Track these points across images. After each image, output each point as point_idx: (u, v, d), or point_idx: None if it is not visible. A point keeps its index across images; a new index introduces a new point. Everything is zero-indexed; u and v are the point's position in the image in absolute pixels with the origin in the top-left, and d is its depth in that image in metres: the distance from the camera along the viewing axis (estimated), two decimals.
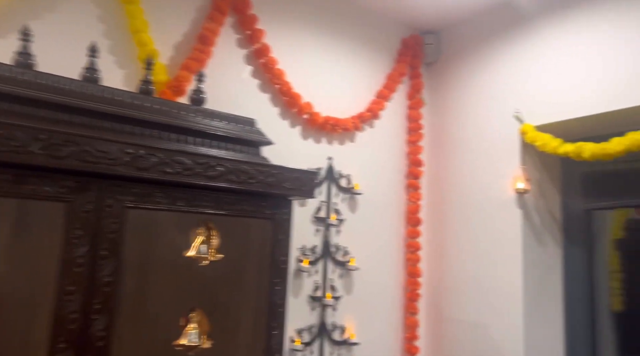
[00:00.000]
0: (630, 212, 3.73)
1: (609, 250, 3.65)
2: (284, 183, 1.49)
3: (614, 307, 3.01)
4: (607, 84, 2.03)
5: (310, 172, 1.58)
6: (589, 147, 2.03)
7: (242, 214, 1.44)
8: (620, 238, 3.59)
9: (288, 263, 1.54)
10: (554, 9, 2.25)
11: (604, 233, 2.84)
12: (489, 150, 2.47)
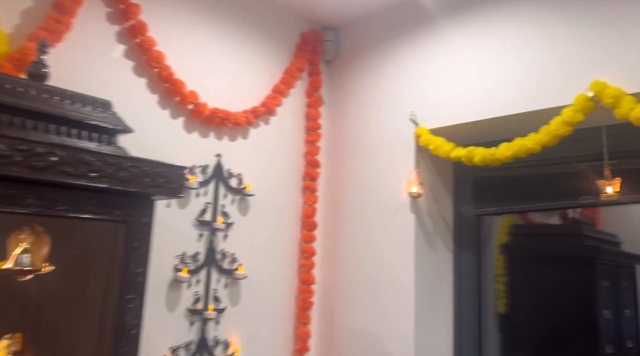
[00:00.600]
0: (515, 218, 3.93)
1: (495, 254, 3.81)
2: (143, 179, 1.24)
3: (499, 309, 3.12)
4: (498, 90, 2.03)
5: (177, 166, 1.34)
6: (479, 152, 2.02)
7: (84, 215, 1.17)
8: (505, 243, 3.76)
9: (146, 275, 1.29)
10: (456, 11, 2.23)
11: (491, 237, 2.92)
12: (386, 152, 2.40)
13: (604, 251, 3.59)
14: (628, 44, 1.69)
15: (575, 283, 3.47)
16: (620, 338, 3.34)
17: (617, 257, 3.81)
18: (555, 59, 1.88)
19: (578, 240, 3.57)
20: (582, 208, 3.80)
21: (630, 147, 1.86)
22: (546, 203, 2.24)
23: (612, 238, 3.91)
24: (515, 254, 3.69)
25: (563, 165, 2.11)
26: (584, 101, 1.73)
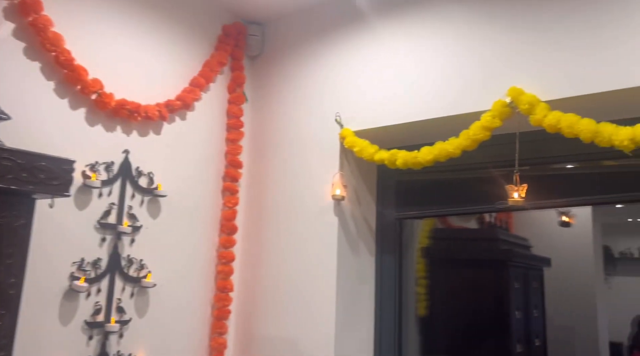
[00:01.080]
0: (436, 221, 4.02)
1: (417, 258, 3.86)
2: (19, 174, 1.05)
3: (420, 312, 3.16)
4: (421, 94, 2.02)
5: (62, 160, 1.17)
6: (401, 155, 1.99)
7: None
8: (426, 246, 3.83)
9: (21, 287, 1.10)
10: (384, 13, 2.19)
11: (413, 241, 2.95)
12: (310, 154, 2.32)
13: (517, 254, 3.77)
14: (544, 52, 1.74)
15: (490, 285, 3.61)
16: (528, 337, 3.51)
17: (528, 260, 4.02)
18: (477, 65, 1.90)
19: (493, 244, 3.72)
20: (497, 213, 3.98)
21: (541, 153, 1.92)
22: (462, 207, 2.27)
23: (524, 242, 4.13)
24: (435, 257, 3.77)
25: (481, 170, 2.14)
26: (501, 107, 1.76)
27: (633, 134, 1.48)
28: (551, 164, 2.03)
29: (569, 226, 3.79)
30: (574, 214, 3.77)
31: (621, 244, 5.75)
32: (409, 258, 2.67)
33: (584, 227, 4.18)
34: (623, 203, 2.14)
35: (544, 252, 4.17)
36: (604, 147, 1.56)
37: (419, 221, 3.96)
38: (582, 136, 1.57)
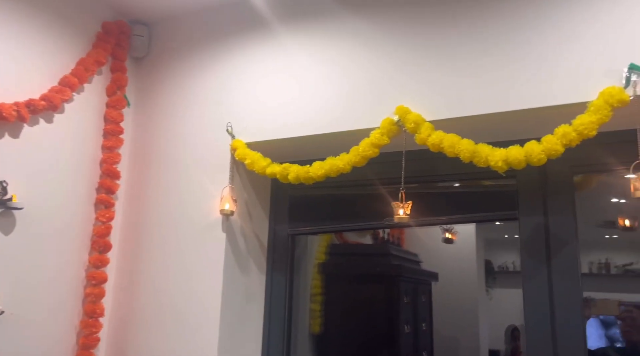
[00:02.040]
0: (332, 237, 4.03)
1: (313, 274, 3.82)
2: None
3: (314, 329, 3.10)
4: (314, 108, 1.98)
5: None
6: (293, 169, 1.93)
7: None
8: (322, 262, 3.81)
9: None
10: (280, 24, 2.12)
11: (307, 257, 2.89)
12: (199, 165, 2.17)
13: (407, 269, 3.89)
14: (431, 73, 1.79)
15: (382, 300, 3.68)
16: (417, 351, 3.62)
17: (417, 274, 4.18)
18: (369, 81, 1.90)
19: (385, 259, 3.82)
20: (390, 229, 4.09)
21: (426, 172, 1.97)
22: (352, 224, 2.26)
23: (414, 257, 4.30)
24: (331, 273, 3.76)
25: (372, 187, 2.15)
26: (389, 125, 1.77)
27: (506, 155, 1.56)
28: (437, 182, 2.10)
29: (451, 243, 4.01)
30: (456, 231, 3.99)
31: (500, 259, 6.23)
32: (302, 275, 2.61)
33: (468, 243, 4.48)
34: (499, 220, 2.30)
35: (434, 267, 4.37)
36: (481, 167, 1.62)
37: (316, 237, 3.93)
38: (461, 155, 1.62)
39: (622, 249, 5.29)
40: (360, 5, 1.96)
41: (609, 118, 1.44)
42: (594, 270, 5.62)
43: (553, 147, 1.49)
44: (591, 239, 4.93)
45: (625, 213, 2.14)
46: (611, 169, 1.74)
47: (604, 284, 5.27)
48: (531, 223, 1.82)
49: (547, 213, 1.80)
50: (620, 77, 1.47)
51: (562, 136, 1.49)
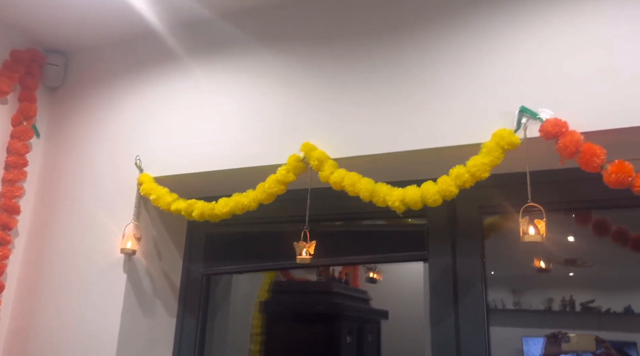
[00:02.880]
0: (277, 274, 3.91)
1: (253, 313, 3.67)
2: None
3: None
4: (223, 142, 1.92)
5: None
6: (199, 205, 1.85)
7: None
8: (265, 300, 3.67)
9: None
10: (194, 57, 2.09)
11: (230, 297, 2.77)
12: (105, 200, 2.06)
13: (350, 307, 3.79)
14: (338, 109, 1.76)
15: (323, 340, 3.56)
16: None
17: (364, 313, 4.08)
18: (280, 116, 1.86)
19: (327, 297, 3.71)
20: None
21: (336, 210, 1.92)
22: (267, 263, 2.17)
23: (362, 295, 4.20)
24: (274, 311, 3.63)
25: (292, 224, 2.08)
26: (295, 161, 1.73)
27: (403, 195, 1.52)
28: (347, 220, 2.05)
29: (375, 283, 3.95)
30: (381, 270, 3.94)
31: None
32: (222, 318, 2.47)
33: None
34: (409, 261, 2.26)
35: (385, 304, 4.27)
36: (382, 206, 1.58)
37: (259, 274, 3.81)
38: (361, 194, 1.58)
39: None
40: (273, 39, 1.94)
41: (501, 160, 1.43)
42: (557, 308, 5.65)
43: (448, 188, 1.47)
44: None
45: (541, 255, 2.13)
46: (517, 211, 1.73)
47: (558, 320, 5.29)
48: (440, 264, 1.78)
49: (456, 254, 1.76)
50: (513, 120, 1.47)
51: (455, 177, 1.46)
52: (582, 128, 1.36)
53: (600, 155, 1.30)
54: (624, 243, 1.90)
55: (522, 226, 1.37)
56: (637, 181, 1.25)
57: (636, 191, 1.26)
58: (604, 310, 5.75)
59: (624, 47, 1.40)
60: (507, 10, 1.57)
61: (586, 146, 1.32)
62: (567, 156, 1.35)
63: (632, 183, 1.26)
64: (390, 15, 1.75)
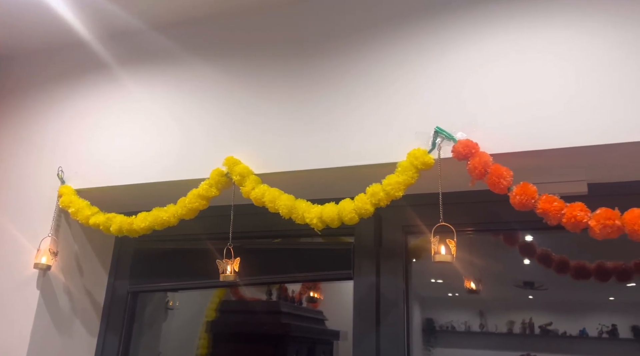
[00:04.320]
0: (227, 292, 3.82)
1: (200, 333, 3.56)
2: None
3: None
4: (147, 154, 1.87)
5: None
6: (117, 220, 1.79)
7: None
8: (212, 320, 3.56)
9: None
10: (131, 65, 2.04)
11: (162, 316, 2.67)
12: (24, 214, 1.97)
13: (298, 328, 3.72)
14: (265, 124, 1.74)
15: None
16: None
17: (315, 334, 4.01)
18: (206, 129, 1.83)
19: (275, 317, 3.64)
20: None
21: (265, 227, 1.89)
22: (194, 281, 2.11)
23: (315, 315, 4.13)
24: (222, 331, 3.52)
25: (220, 241, 2.03)
26: (218, 176, 1.69)
27: (321, 213, 1.50)
28: (276, 237, 2.02)
29: (315, 302, 3.91)
30: (320, 288, 3.91)
31: (443, 318, 6.15)
32: (152, 337, 2.38)
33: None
34: (335, 280, 2.24)
35: (337, 325, 4.20)
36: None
37: (208, 292, 3.71)
38: (281, 211, 1.56)
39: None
40: (199, 52, 1.92)
41: (415, 180, 1.43)
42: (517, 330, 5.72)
43: (363, 207, 1.46)
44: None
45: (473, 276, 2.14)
46: (439, 231, 1.73)
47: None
48: (364, 283, 1.76)
49: (380, 273, 1.75)
50: (428, 140, 1.47)
51: (371, 195, 1.46)
52: (492, 150, 1.38)
53: (507, 177, 1.31)
54: (547, 265, 1.92)
55: (433, 245, 1.37)
56: (539, 204, 1.26)
57: (539, 213, 1.27)
58: (561, 333, 5.85)
59: (536, 72, 1.43)
60: (424, 32, 1.60)
61: (494, 168, 1.33)
62: (477, 177, 1.36)
63: (535, 205, 1.27)
64: (310, 32, 1.76)
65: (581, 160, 1.41)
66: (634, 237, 1.14)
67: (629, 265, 1.77)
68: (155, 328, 2.44)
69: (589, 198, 1.35)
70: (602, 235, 1.17)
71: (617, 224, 1.15)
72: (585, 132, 1.33)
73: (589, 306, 5.60)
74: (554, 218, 1.23)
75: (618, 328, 5.54)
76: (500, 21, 1.52)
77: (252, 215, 1.76)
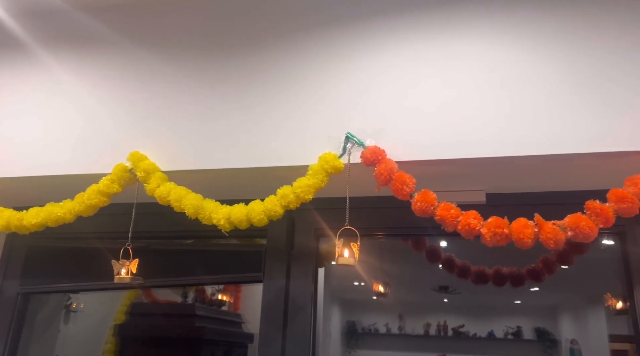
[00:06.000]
0: (139, 294, 3.64)
1: (107, 336, 3.35)
2: None
3: None
4: (50, 146, 1.73)
5: None
6: (6, 214, 1.63)
7: None
8: (121, 323, 3.37)
9: None
10: (50, 46, 1.86)
11: (88, 318, 2.49)
12: None
13: (213, 331, 3.63)
14: (172, 121, 1.67)
15: None
16: None
17: (230, 337, 3.93)
18: (111, 123, 1.72)
19: (190, 320, 3.52)
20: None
21: (165, 227, 1.81)
22: (90, 282, 1.98)
23: (234, 318, 4.04)
24: (131, 335, 3.35)
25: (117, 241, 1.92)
26: (121, 172, 1.60)
27: (229, 214, 1.46)
28: (183, 238, 1.95)
29: (224, 305, 3.88)
30: (229, 291, 3.87)
31: (366, 321, 6.23)
32: (48, 341, 2.20)
33: None
34: (245, 282, 2.22)
35: (254, 328, 4.13)
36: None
37: (119, 294, 3.51)
38: (187, 210, 1.50)
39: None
40: (113, 42, 1.81)
41: (325, 183, 1.44)
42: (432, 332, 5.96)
43: (273, 208, 1.44)
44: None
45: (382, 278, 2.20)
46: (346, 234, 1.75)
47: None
48: (274, 286, 1.74)
49: (290, 276, 1.74)
50: (340, 145, 1.48)
51: (281, 197, 1.44)
52: (398, 157, 1.42)
53: (410, 184, 1.35)
54: (450, 270, 2.01)
55: (337, 248, 1.38)
56: (437, 211, 1.31)
57: (437, 219, 1.33)
58: (471, 335, 6.18)
59: (441, 84, 1.49)
60: (340, 38, 1.62)
61: (398, 175, 1.37)
62: (383, 183, 1.39)
63: (434, 212, 1.32)
64: (233, 30, 1.72)
65: (480, 171, 1.48)
66: (519, 244, 1.22)
67: (522, 271, 1.90)
68: (51, 332, 2.26)
69: (487, 207, 1.42)
70: (492, 242, 1.23)
71: (506, 232, 1.22)
72: (485, 144, 1.40)
73: (497, 309, 5.99)
74: (450, 225, 1.28)
75: (523, 330, 5.97)
76: (412, 31, 1.57)
77: (162, 215, 1.67)
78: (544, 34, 1.46)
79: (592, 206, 1.17)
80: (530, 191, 1.63)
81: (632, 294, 1.46)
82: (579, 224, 1.15)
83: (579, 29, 1.44)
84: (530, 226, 1.19)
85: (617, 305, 1.73)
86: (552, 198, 1.53)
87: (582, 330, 4.55)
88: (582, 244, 1.62)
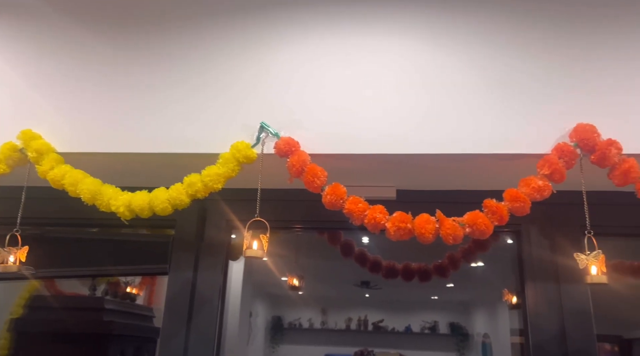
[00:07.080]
0: (40, 287, 3.35)
1: (1, 332, 3.06)
2: None
3: None
4: None
5: None
6: None
7: None
8: (18, 317, 3.08)
9: None
10: None
11: None
12: None
13: (122, 326, 3.44)
14: (76, 99, 1.54)
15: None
16: None
17: (141, 332, 3.75)
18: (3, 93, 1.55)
19: (97, 314, 3.31)
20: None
21: (52, 214, 1.67)
22: None
23: (144, 312, 3.85)
24: (29, 331, 3.07)
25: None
26: (9, 151, 1.45)
27: (129, 201, 1.37)
28: (85, 227, 1.82)
29: (135, 299, 3.74)
30: (141, 284, 3.73)
31: (292, 315, 6.20)
32: None
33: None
34: (149, 274, 2.13)
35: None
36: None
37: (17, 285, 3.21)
38: (83, 196, 1.39)
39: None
40: (28, 9, 1.64)
41: (236, 173, 1.39)
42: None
43: (178, 197, 1.37)
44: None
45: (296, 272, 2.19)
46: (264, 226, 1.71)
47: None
48: (180, 279, 1.66)
49: (198, 269, 1.67)
50: (254, 134, 1.44)
51: (188, 185, 1.37)
52: (311, 150, 1.40)
53: (321, 177, 1.34)
54: (363, 264, 2.04)
55: (245, 240, 1.33)
56: (346, 204, 1.31)
57: (345, 213, 1.32)
58: (390, 329, 6.38)
59: (357, 79, 1.49)
60: (259, 26, 1.57)
61: (310, 167, 1.35)
62: (295, 175, 1.37)
63: (342, 205, 1.32)
64: (149, 10, 1.62)
65: (391, 167, 1.50)
66: (421, 239, 1.25)
67: (429, 267, 1.97)
68: None
69: (397, 203, 1.45)
70: (396, 236, 1.25)
71: (409, 227, 1.24)
72: (396, 141, 1.42)
73: (415, 304, 6.25)
74: (357, 219, 1.29)
75: (438, 325, 6.28)
76: (335, 25, 1.56)
77: (58, 200, 1.54)
78: (457, 38, 1.50)
79: (489, 204, 1.22)
80: (438, 188, 1.68)
81: (524, 289, 1.55)
82: (476, 221, 1.19)
83: (492, 34, 1.49)
84: (432, 221, 1.22)
85: (513, 300, 1.84)
86: (456, 196, 1.59)
87: (493, 325, 4.83)
88: (483, 241, 1.70)
